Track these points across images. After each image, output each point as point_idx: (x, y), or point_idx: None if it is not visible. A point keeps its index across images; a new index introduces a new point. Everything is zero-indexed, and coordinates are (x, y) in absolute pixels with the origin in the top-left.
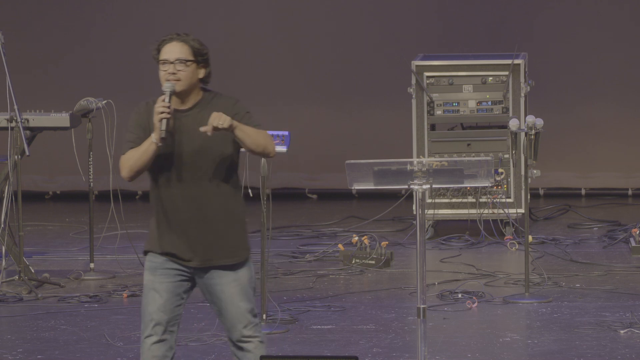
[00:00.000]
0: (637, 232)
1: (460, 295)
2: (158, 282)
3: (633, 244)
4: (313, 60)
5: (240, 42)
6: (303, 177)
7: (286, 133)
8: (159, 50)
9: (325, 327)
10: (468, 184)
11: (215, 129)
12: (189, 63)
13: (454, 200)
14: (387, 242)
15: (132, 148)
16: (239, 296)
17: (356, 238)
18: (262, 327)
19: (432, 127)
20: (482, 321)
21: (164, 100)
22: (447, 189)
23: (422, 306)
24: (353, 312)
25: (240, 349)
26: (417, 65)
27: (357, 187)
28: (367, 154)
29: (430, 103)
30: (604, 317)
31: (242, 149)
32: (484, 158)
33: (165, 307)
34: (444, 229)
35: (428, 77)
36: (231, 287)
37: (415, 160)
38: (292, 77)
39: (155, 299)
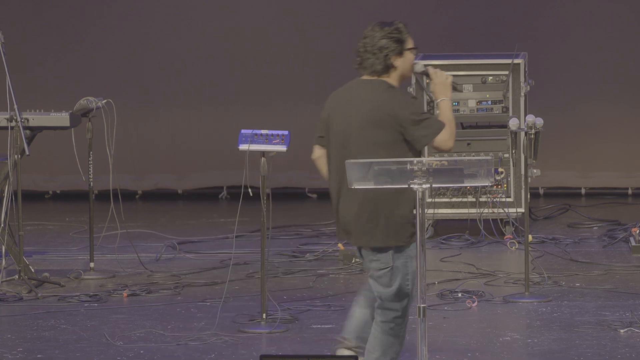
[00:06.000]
0: (637, 231)
1: (460, 295)
2: None
3: (633, 243)
4: (313, 59)
5: (240, 42)
6: (303, 176)
7: (286, 132)
8: (404, 40)
9: (325, 326)
10: (468, 184)
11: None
12: None
13: (453, 199)
14: None
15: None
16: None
17: None
18: (262, 326)
19: None
20: (482, 320)
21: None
22: (447, 189)
23: (422, 305)
24: None
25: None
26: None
27: (357, 186)
28: None
29: (430, 103)
30: (604, 316)
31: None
32: (484, 157)
33: None
34: (443, 228)
35: None
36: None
37: (415, 159)
38: (292, 76)
39: None
